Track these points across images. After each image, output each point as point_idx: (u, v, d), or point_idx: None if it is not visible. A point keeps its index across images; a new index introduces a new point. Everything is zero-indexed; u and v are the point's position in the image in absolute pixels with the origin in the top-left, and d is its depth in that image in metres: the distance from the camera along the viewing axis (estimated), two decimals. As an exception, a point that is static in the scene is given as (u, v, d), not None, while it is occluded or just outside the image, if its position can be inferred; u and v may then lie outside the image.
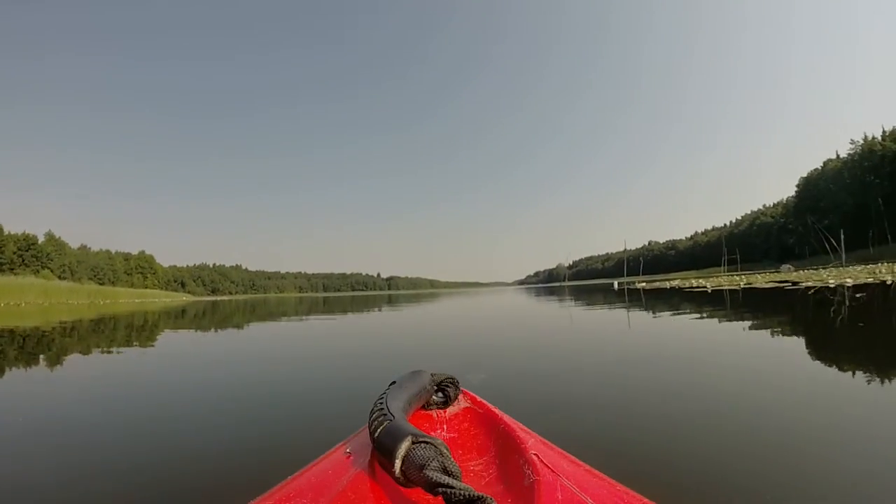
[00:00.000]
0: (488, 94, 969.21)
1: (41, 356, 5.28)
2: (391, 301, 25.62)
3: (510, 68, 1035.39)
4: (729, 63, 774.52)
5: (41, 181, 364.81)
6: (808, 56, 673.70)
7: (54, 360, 4.83)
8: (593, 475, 0.75)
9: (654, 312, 8.13)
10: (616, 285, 33.92)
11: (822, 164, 77.73)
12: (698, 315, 7.06)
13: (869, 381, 2.56)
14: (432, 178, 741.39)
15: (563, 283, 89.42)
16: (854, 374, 2.78)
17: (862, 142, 68.62)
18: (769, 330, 4.85)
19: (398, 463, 0.61)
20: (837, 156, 76.07)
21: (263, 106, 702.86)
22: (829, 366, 3.13)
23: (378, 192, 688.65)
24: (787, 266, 48.38)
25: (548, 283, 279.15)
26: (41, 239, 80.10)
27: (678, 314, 7.47)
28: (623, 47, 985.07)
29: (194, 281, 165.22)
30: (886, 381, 2.55)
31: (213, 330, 8.90)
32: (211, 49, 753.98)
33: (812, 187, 76.94)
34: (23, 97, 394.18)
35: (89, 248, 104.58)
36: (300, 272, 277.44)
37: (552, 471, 0.69)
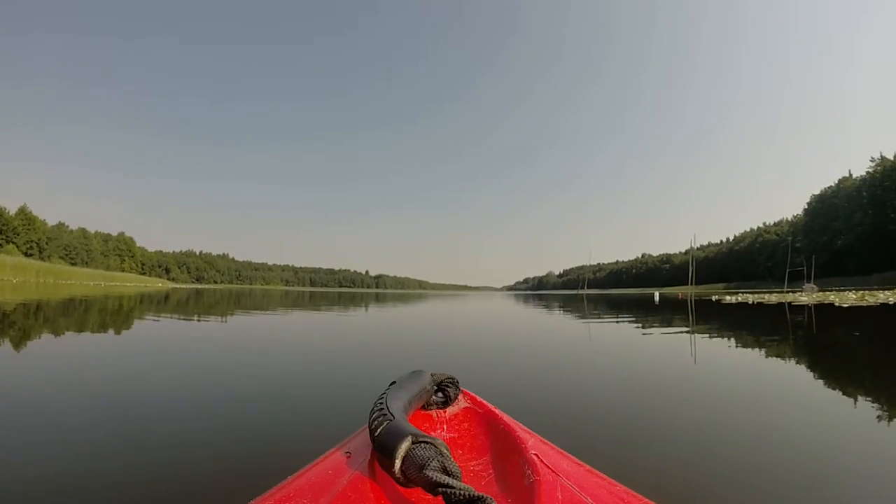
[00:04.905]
0: (490, 95, 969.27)
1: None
2: (378, 299, 24.55)
3: (513, 70, 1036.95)
4: (730, 77, 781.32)
5: (40, 157, 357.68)
6: (805, 84, 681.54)
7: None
8: (593, 475, 0.75)
9: None
10: (657, 297, 29.92)
11: (836, 182, 75.00)
12: None
13: None
14: (425, 180, 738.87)
15: (581, 292, 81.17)
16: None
17: (879, 159, 65.86)
18: None
19: (398, 463, 0.61)
20: (850, 174, 73.39)
21: (265, 99, 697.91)
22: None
23: (369, 190, 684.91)
24: (811, 286, 44.92)
25: (537, 290, 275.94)
26: (12, 212, 75.21)
27: None
28: (625, 58, 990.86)
29: (179, 267, 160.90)
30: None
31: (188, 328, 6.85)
32: (218, 34, 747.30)
33: (826, 206, 74.09)
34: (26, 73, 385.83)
35: (66, 226, 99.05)
36: (288, 265, 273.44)
37: (552, 471, 0.68)
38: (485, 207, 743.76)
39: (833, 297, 18.52)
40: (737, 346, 5.05)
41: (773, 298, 20.39)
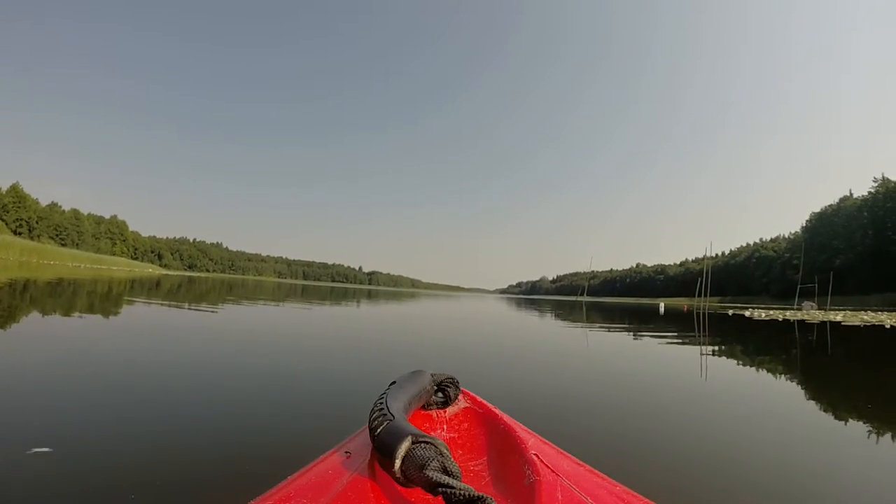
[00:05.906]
0: (489, 95, 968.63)
1: None
2: (371, 296, 24.01)
3: (510, 70, 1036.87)
4: (726, 85, 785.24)
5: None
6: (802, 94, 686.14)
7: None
8: (593, 475, 0.74)
9: None
10: (662, 308, 28.57)
11: (836, 201, 74.58)
12: None
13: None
14: (422, 179, 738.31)
15: (581, 298, 76.98)
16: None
17: (882, 180, 65.46)
18: None
19: (398, 463, 0.61)
20: (851, 194, 73.04)
21: (265, 98, 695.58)
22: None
23: (366, 188, 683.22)
24: (810, 303, 44.28)
25: (529, 294, 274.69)
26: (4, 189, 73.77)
27: None
28: (623, 61, 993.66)
29: (172, 254, 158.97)
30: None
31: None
32: (223, 35, 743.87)
33: (826, 224, 73.54)
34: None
35: (59, 206, 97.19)
36: (281, 257, 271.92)
37: (552, 471, 0.68)
38: (481, 207, 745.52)
39: (867, 317, 17.82)
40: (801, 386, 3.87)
41: (805, 316, 19.24)
